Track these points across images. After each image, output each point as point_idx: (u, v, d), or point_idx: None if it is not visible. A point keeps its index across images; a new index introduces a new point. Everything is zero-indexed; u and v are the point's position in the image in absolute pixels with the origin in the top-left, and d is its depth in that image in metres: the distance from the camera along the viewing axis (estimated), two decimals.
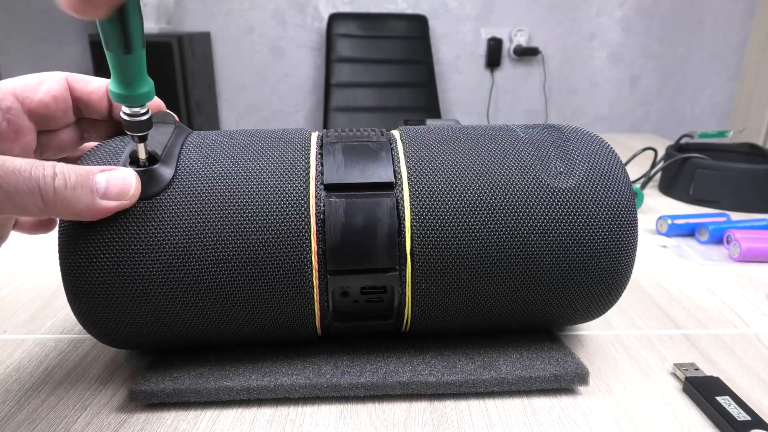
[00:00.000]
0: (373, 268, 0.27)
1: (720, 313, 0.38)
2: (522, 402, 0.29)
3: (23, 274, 0.44)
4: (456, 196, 0.28)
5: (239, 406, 0.28)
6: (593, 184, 0.28)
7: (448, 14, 2.08)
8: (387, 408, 0.28)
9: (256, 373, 0.29)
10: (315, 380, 0.28)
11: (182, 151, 0.28)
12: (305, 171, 0.28)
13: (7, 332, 0.36)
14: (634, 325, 0.37)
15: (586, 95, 2.19)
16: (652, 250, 0.50)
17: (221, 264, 0.26)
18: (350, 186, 0.28)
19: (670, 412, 0.28)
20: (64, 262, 0.26)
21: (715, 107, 2.22)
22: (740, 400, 0.27)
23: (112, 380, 0.30)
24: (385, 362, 0.30)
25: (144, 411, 0.28)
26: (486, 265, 0.27)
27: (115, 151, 0.28)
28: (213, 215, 0.26)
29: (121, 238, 0.26)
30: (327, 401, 0.29)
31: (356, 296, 0.29)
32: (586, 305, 0.30)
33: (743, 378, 0.31)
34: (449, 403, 0.28)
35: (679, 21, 2.09)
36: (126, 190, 0.26)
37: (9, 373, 0.31)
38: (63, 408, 0.28)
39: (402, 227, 0.27)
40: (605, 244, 0.28)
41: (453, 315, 0.29)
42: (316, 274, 0.27)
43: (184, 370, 0.29)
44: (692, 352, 0.33)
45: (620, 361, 0.32)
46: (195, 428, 0.27)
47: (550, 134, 0.31)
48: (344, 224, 0.27)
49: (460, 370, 0.29)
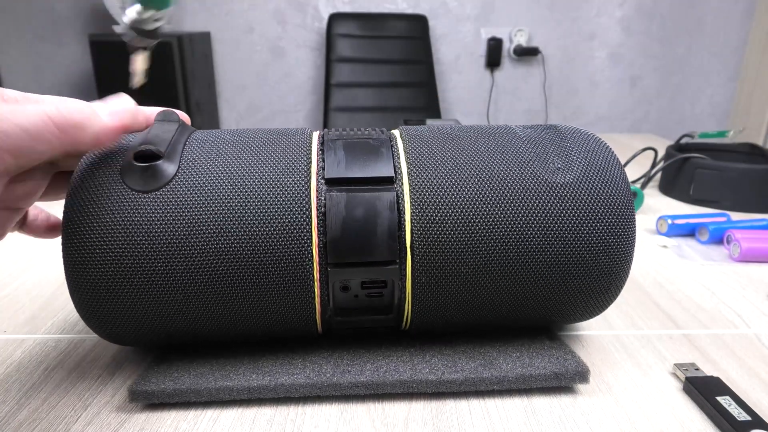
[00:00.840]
0: (374, 261, 0.28)
1: (720, 313, 0.38)
2: (522, 401, 0.29)
3: (23, 274, 0.44)
4: (455, 191, 0.28)
5: (239, 405, 0.28)
6: (590, 178, 0.29)
7: (448, 14, 2.08)
8: (387, 407, 0.28)
9: (257, 372, 0.29)
10: (315, 379, 0.28)
11: (186, 147, 0.29)
12: (306, 166, 0.28)
13: (7, 332, 0.36)
14: (634, 325, 0.37)
15: (586, 95, 2.19)
16: (652, 250, 0.50)
17: (223, 256, 0.27)
18: (351, 180, 0.28)
19: (671, 412, 0.28)
20: (67, 253, 0.26)
21: (715, 107, 2.22)
22: (740, 400, 0.27)
23: (112, 380, 0.30)
24: (386, 361, 0.30)
25: (144, 411, 0.28)
26: (485, 259, 0.28)
27: (118, 145, 0.28)
28: (215, 207, 0.27)
29: (124, 230, 0.26)
30: (327, 401, 0.29)
31: (356, 291, 0.29)
32: (586, 300, 0.30)
33: (743, 378, 0.31)
34: (449, 403, 0.28)
35: (679, 21, 2.09)
36: (128, 106, 0.27)
37: (9, 373, 0.31)
38: (63, 408, 0.28)
39: (402, 221, 0.28)
40: (603, 238, 0.28)
41: (452, 309, 0.29)
42: (317, 267, 0.27)
43: (185, 370, 0.29)
44: (692, 352, 0.33)
45: (620, 361, 0.32)
46: (195, 428, 0.27)
47: (547, 133, 0.31)
48: (345, 217, 0.27)
49: (461, 369, 0.29)
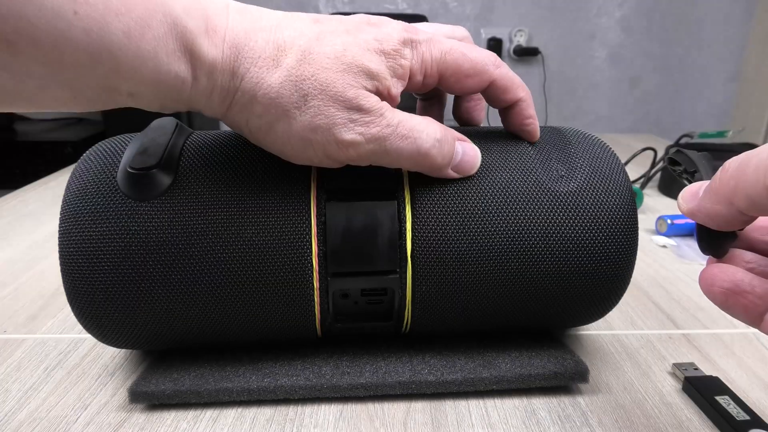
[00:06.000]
0: (374, 270, 0.27)
1: (719, 312, 0.38)
2: (521, 402, 0.29)
3: (23, 273, 0.44)
4: (457, 200, 0.28)
5: (239, 405, 0.28)
6: (594, 187, 0.28)
7: (448, 14, 2.08)
8: (387, 408, 0.28)
9: (256, 374, 0.29)
10: (315, 381, 0.28)
11: (183, 153, 0.28)
12: (306, 175, 0.28)
13: (7, 332, 0.36)
14: (633, 325, 0.37)
15: (586, 95, 2.19)
16: (652, 250, 0.50)
17: (221, 265, 0.26)
18: (351, 189, 0.28)
19: (670, 412, 0.28)
20: (65, 263, 0.26)
21: (715, 107, 2.21)
22: (739, 400, 0.27)
23: (112, 380, 0.30)
24: (385, 362, 0.30)
25: (144, 411, 0.28)
26: (486, 269, 0.27)
27: (114, 151, 0.28)
28: (213, 217, 0.26)
29: (122, 240, 0.26)
30: (327, 401, 0.29)
31: (356, 298, 0.29)
32: (586, 307, 0.30)
33: (742, 378, 0.31)
34: (449, 403, 0.28)
35: (679, 21, 2.09)
36: (472, 168, 0.28)
37: (9, 373, 0.31)
38: (63, 408, 0.28)
39: (403, 230, 0.27)
40: (605, 248, 0.28)
41: (453, 317, 0.29)
42: (317, 276, 0.27)
43: (184, 371, 0.29)
44: (692, 352, 0.33)
45: (620, 360, 0.32)
46: (195, 428, 0.27)
47: (551, 137, 0.31)
48: (345, 227, 0.27)
49: (460, 369, 0.29)
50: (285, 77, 0.23)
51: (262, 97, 0.24)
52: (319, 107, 0.24)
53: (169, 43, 0.22)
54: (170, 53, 0.22)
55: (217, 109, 0.25)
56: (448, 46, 0.26)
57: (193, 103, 0.24)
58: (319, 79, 0.23)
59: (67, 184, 0.28)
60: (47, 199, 0.65)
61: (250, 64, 0.23)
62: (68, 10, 0.19)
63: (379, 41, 0.25)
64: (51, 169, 0.82)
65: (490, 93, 0.29)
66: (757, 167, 0.18)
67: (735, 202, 0.19)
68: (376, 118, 0.24)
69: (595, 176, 0.29)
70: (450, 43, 0.27)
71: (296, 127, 0.24)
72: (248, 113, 0.24)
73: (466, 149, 0.28)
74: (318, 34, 0.24)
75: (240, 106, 0.24)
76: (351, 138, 0.24)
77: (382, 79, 0.25)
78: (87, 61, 0.20)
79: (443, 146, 0.26)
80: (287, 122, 0.24)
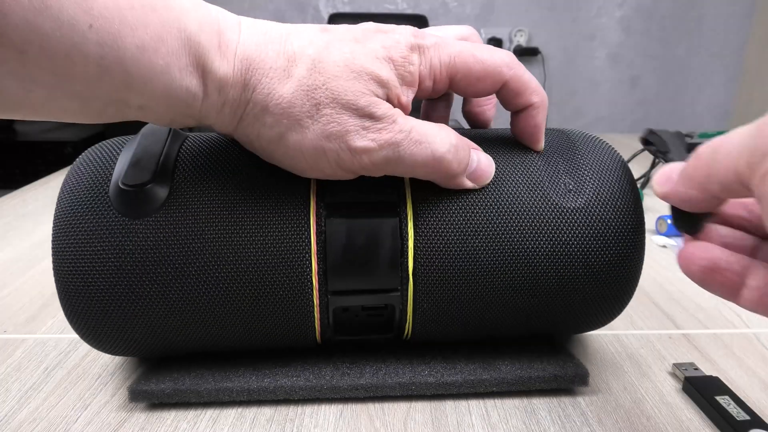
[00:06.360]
0: (375, 288, 0.27)
1: (719, 312, 0.39)
2: (522, 402, 0.29)
3: (23, 273, 0.44)
4: (461, 215, 0.27)
5: (239, 405, 0.28)
6: (602, 204, 0.27)
7: (448, 14, 2.08)
8: (387, 408, 0.28)
9: (256, 374, 0.29)
10: (315, 382, 0.28)
11: (177, 162, 0.27)
12: (305, 189, 0.27)
13: (7, 332, 0.36)
14: (633, 325, 0.37)
15: (586, 95, 2.19)
16: (652, 250, 0.50)
17: (219, 283, 0.26)
18: (352, 204, 0.27)
19: (670, 412, 0.28)
20: (59, 280, 0.26)
21: (715, 107, 2.21)
22: (739, 400, 0.27)
23: (112, 380, 0.30)
24: (385, 363, 0.30)
25: (144, 411, 0.28)
26: (490, 286, 0.27)
27: (106, 160, 0.28)
28: (210, 235, 0.26)
29: (116, 259, 0.25)
30: (327, 401, 0.29)
31: (357, 312, 0.29)
32: (589, 319, 0.30)
33: (742, 377, 0.31)
34: (449, 404, 0.28)
35: (679, 21, 2.09)
36: (488, 177, 0.27)
37: (9, 373, 0.31)
38: (63, 408, 0.28)
39: (405, 248, 0.27)
40: (611, 263, 0.27)
41: (454, 330, 0.29)
42: (317, 294, 0.27)
43: (184, 370, 0.29)
44: (692, 352, 0.33)
45: (620, 360, 0.32)
46: (195, 428, 0.27)
47: (558, 141, 0.30)
48: (345, 244, 0.26)
49: (460, 371, 0.29)
50: (296, 87, 0.23)
51: (274, 107, 0.23)
52: (332, 115, 0.23)
53: (182, 58, 0.22)
54: (182, 68, 0.22)
55: (228, 122, 0.25)
56: (456, 50, 0.26)
57: (204, 118, 0.24)
58: (330, 88, 0.23)
59: (59, 197, 0.27)
60: (47, 199, 0.65)
61: (261, 76, 0.23)
62: (83, 23, 0.19)
63: (386, 48, 0.24)
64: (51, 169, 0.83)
65: (503, 95, 0.28)
66: (729, 153, 0.18)
67: (708, 187, 0.19)
68: (388, 125, 0.24)
69: (603, 191, 0.28)
70: (459, 45, 0.26)
71: (309, 137, 0.24)
72: (260, 125, 0.24)
73: (480, 157, 0.27)
74: (327, 43, 0.24)
75: (251, 117, 0.24)
76: (364, 145, 0.24)
77: (393, 87, 0.24)
78: (98, 73, 0.20)
79: (459, 152, 0.26)
80: (300, 132, 0.24)
